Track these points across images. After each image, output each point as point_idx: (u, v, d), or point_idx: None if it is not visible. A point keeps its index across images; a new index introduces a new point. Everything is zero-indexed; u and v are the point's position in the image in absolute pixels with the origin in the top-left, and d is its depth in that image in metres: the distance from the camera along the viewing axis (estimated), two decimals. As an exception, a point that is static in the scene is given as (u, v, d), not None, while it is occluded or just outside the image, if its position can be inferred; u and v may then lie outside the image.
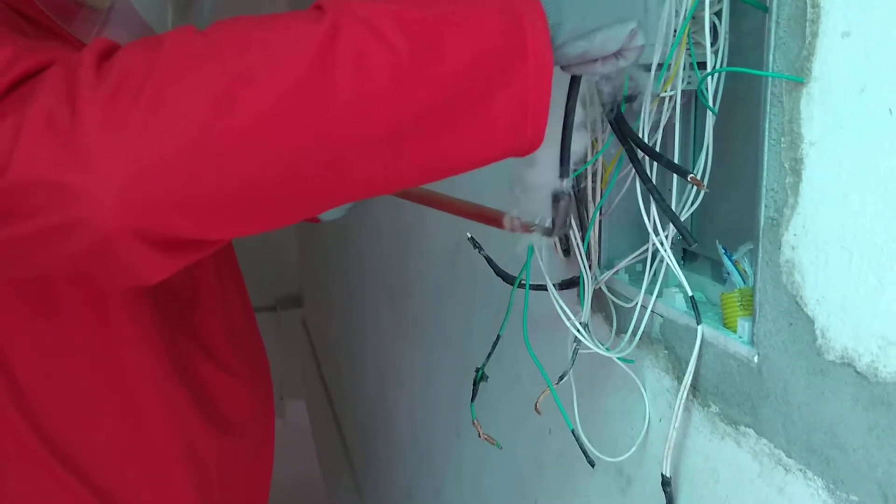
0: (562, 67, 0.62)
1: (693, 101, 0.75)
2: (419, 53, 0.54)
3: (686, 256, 0.83)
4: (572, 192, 0.66)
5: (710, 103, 0.68)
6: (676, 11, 0.67)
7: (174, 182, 0.53)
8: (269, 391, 1.06)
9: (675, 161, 0.73)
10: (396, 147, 0.56)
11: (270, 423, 1.06)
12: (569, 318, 0.77)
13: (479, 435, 0.93)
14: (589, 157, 0.77)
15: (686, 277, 0.72)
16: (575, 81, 0.65)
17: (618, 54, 0.60)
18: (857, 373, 0.55)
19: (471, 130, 0.57)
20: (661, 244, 0.73)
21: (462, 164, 0.59)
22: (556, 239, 0.88)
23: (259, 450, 1.03)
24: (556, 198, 0.66)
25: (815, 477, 0.60)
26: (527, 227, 0.69)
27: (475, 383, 0.93)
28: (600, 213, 0.83)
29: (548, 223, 0.66)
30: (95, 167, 0.52)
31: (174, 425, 0.89)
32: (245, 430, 0.98)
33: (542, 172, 0.66)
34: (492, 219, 0.71)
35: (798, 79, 0.57)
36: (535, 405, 0.80)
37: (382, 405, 2.19)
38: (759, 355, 0.65)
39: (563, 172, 0.66)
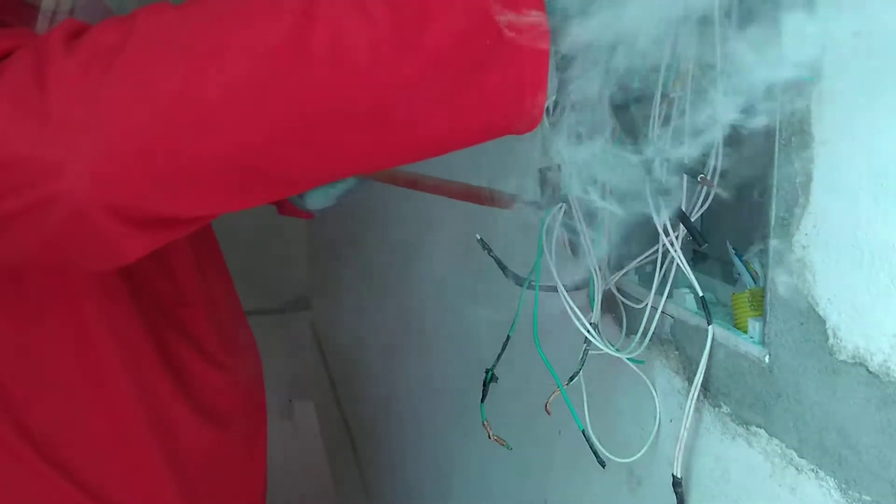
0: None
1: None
2: (402, 26, 0.51)
3: (696, 257, 0.83)
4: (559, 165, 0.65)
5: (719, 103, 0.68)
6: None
7: (146, 154, 0.52)
8: (260, 385, 1.06)
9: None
10: (380, 123, 0.54)
11: (262, 415, 1.05)
12: (579, 319, 0.77)
13: (489, 436, 0.93)
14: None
15: (696, 278, 0.72)
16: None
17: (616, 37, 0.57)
18: (870, 372, 0.55)
19: (463, 107, 0.54)
20: (672, 245, 0.73)
21: (456, 141, 0.57)
22: (566, 238, 0.88)
23: (251, 443, 1.03)
24: (542, 170, 0.65)
25: (828, 477, 0.60)
26: (516, 203, 0.68)
27: (485, 384, 0.94)
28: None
29: (535, 196, 0.65)
30: (66, 140, 0.51)
31: (156, 420, 0.88)
32: (236, 424, 0.98)
33: None
34: (481, 197, 0.71)
35: (808, 78, 0.57)
36: (546, 406, 0.80)
37: (391, 406, 2.19)
38: (770, 355, 0.65)
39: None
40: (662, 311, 0.77)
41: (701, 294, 0.71)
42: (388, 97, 0.53)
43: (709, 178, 0.69)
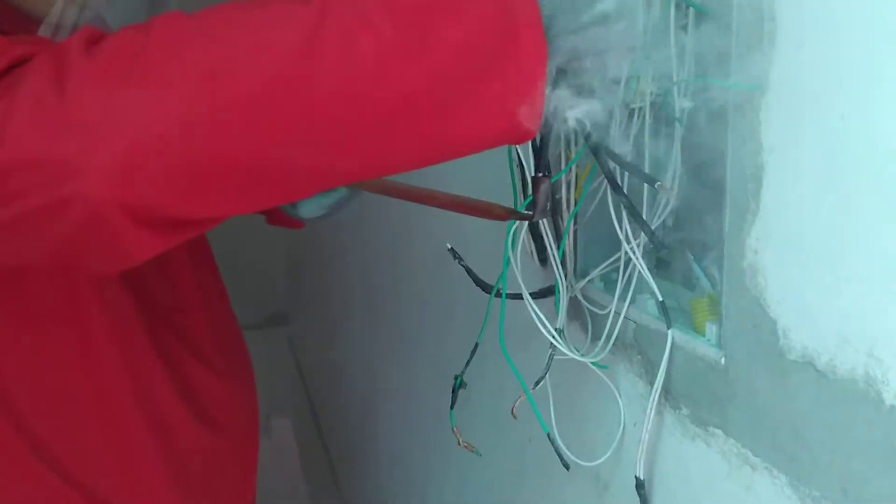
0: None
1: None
2: (406, 40, 0.54)
3: (659, 265, 0.85)
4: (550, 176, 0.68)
5: (677, 115, 0.70)
6: (644, 25, 0.69)
7: (160, 157, 0.54)
8: (253, 390, 1.07)
9: (647, 172, 0.75)
10: (384, 131, 0.57)
11: (255, 421, 1.07)
12: (543, 325, 0.79)
13: (458, 443, 0.94)
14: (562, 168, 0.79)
15: (659, 286, 0.74)
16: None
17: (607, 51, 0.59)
18: (817, 371, 0.57)
19: (462, 118, 0.57)
20: (633, 252, 0.75)
21: (455, 150, 0.60)
22: (534, 248, 0.90)
23: (246, 448, 1.04)
24: (534, 182, 0.67)
25: (780, 474, 0.61)
26: (508, 214, 0.71)
27: (454, 390, 0.95)
28: (575, 223, 0.85)
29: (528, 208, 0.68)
30: (84, 142, 0.54)
31: (155, 423, 0.89)
32: (231, 428, 0.99)
33: None
34: (474, 208, 0.72)
35: (754, 88, 0.59)
36: (512, 410, 0.81)
37: (368, 422, 2.20)
38: (725, 357, 0.67)
39: (540, 167, 0.67)
40: (625, 317, 0.79)
41: (661, 299, 0.73)
42: (393, 107, 0.56)
43: (667, 185, 0.71)
